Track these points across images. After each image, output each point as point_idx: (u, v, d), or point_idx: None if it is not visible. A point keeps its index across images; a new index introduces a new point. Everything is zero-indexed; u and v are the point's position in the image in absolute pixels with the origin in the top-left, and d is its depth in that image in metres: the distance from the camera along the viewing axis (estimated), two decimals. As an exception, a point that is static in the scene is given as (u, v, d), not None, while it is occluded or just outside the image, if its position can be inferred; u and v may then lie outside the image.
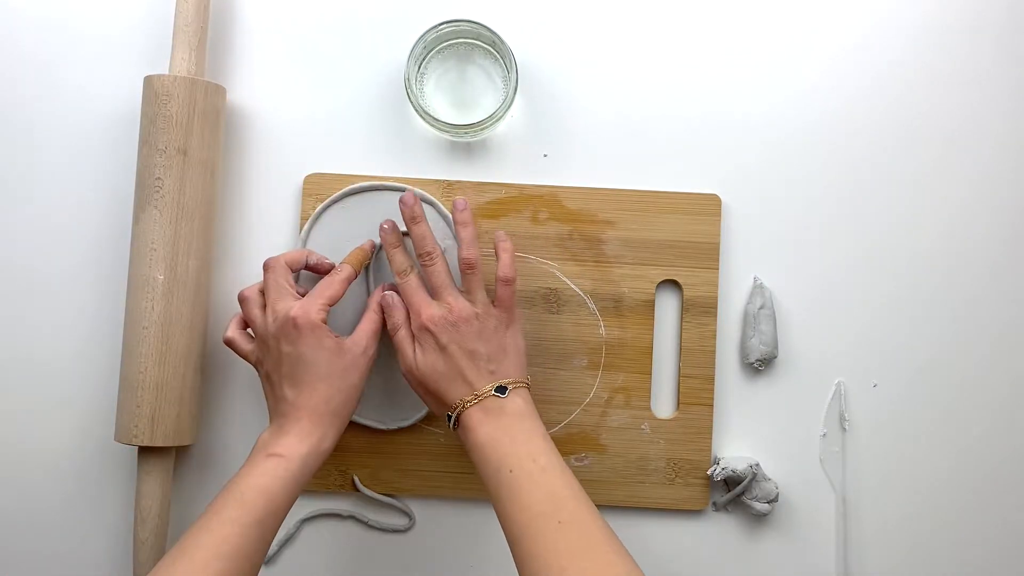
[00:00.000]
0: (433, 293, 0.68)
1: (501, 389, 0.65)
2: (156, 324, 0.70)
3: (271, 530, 0.63)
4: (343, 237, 0.75)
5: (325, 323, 0.67)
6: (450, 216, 0.74)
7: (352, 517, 0.76)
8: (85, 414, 0.76)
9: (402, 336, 0.68)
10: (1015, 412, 0.76)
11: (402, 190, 0.75)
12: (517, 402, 0.65)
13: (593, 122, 0.77)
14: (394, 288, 0.70)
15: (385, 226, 0.70)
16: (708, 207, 0.76)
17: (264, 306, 0.69)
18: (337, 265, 0.71)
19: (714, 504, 0.76)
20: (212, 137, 0.73)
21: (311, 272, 0.72)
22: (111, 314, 0.75)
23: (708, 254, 0.75)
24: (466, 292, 0.68)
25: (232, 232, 0.77)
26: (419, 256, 0.69)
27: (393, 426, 0.74)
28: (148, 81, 0.72)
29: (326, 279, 0.69)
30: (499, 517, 0.62)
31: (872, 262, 0.76)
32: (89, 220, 0.77)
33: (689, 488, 0.75)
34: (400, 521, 0.76)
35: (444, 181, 0.76)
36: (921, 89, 0.77)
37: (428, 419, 0.75)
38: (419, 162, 0.77)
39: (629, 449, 0.75)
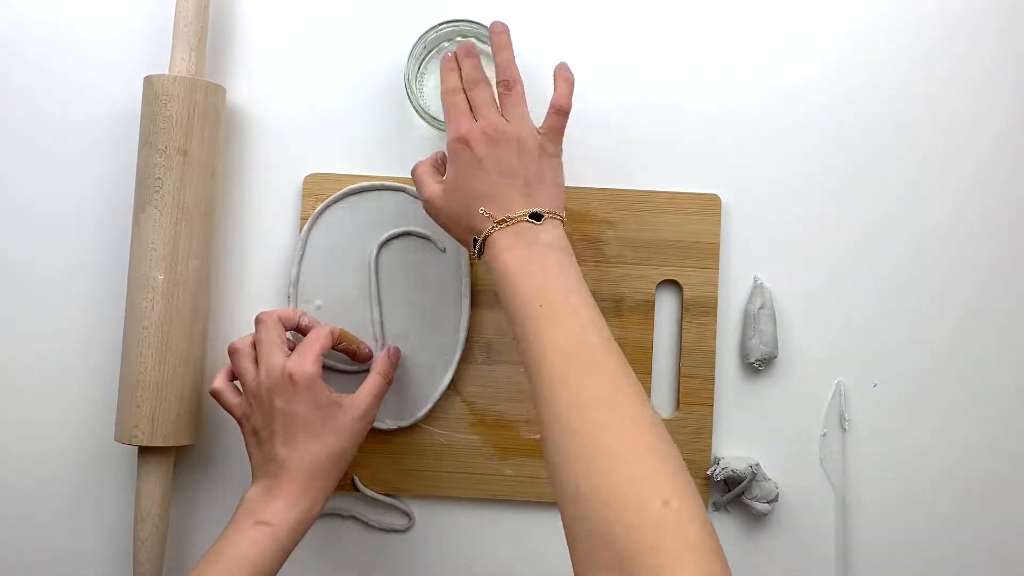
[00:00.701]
0: (475, 111, 0.65)
1: (536, 216, 0.61)
2: (156, 324, 0.70)
3: None
4: (343, 237, 0.75)
5: (320, 375, 0.65)
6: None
7: (352, 517, 0.76)
8: (85, 414, 0.76)
9: (423, 168, 0.66)
10: (1015, 412, 0.76)
11: (402, 190, 0.75)
12: (552, 232, 0.61)
13: (593, 122, 0.77)
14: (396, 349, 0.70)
15: (449, 54, 0.67)
16: (708, 207, 0.76)
17: (256, 360, 0.66)
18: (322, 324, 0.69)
19: (714, 504, 0.76)
20: (212, 137, 0.73)
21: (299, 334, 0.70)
22: (111, 314, 0.75)
23: (708, 254, 0.75)
24: (508, 115, 0.64)
25: (232, 232, 0.77)
26: (499, 83, 0.65)
27: (393, 426, 0.74)
28: (148, 81, 0.72)
29: (314, 331, 0.67)
30: (521, 353, 0.57)
31: (872, 262, 0.76)
32: (89, 220, 0.77)
33: (689, 488, 0.75)
34: (400, 521, 0.76)
35: (444, 181, 0.76)
36: (921, 89, 0.77)
37: (428, 419, 0.75)
38: (419, 162, 0.77)
39: (629, 449, 0.75)
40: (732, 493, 0.74)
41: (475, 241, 0.62)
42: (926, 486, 0.76)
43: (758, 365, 0.75)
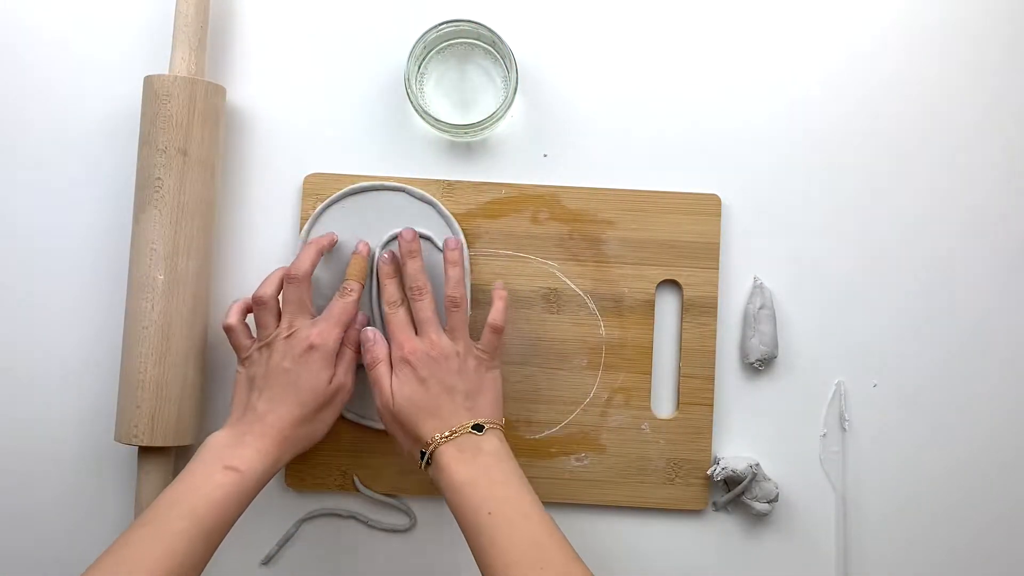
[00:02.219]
0: (418, 328, 0.68)
1: (478, 427, 0.65)
2: (156, 324, 0.70)
3: (217, 543, 0.62)
4: (343, 237, 0.75)
5: (337, 350, 0.67)
6: (451, 216, 0.74)
7: (352, 517, 0.76)
8: (85, 414, 0.76)
9: (381, 371, 0.68)
10: (1015, 412, 0.76)
11: (402, 190, 0.75)
12: (494, 442, 0.65)
13: (593, 122, 0.77)
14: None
15: (385, 256, 0.71)
16: (708, 207, 0.76)
17: (279, 314, 0.68)
18: (343, 283, 0.70)
19: (714, 504, 0.76)
20: (212, 137, 0.73)
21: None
22: (111, 314, 0.75)
23: (708, 254, 0.75)
24: (450, 330, 0.68)
25: (232, 232, 0.77)
26: (409, 290, 0.69)
27: (393, 426, 0.75)
28: (148, 81, 0.72)
29: (340, 303, 0.69)
30: (477, 560, 0.61)
31: (872, 262, 0.76)
32: (89, 220, 0.77)
33: (689, 488, 0.75)
34: (400, 521, 0.76)
35: (444, 181, 0.76)
36: (920, 89, 0.77)
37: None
38: (419, 162, 0.77)
39: (629, 449, 0.75)
40: (732, 493, 0.74)
41: (422, 453, 0.65)
42: (926, 486, 0.76)
43: (758, 365, 0.75)
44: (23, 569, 0.76)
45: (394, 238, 0.74)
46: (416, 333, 0.68)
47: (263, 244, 0.77)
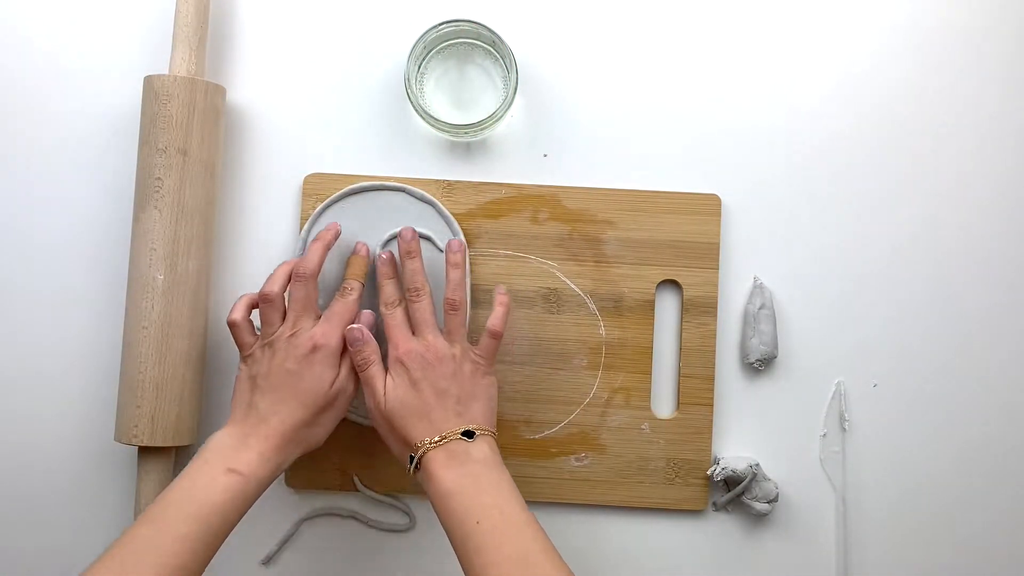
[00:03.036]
0: (415, 329, 0.68)
1: (468, 433, 0.64)
2: (156, 324, 0.70)
3: (219, 545, 0.62)
4: (343, 237, 0.75)
5: (342, 351, 0.67)
6: (451, 216, 0.74)
7: (352, 517, 0.76)
8: (85, 414, 0.76)
9: (373, 372, 0.67)
10: (1015, 412, 0.76)
11: (402, 190, 0.75)
12: (483, 449, 0.64)
13: (593, 122, 0.77)
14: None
15: (384, 256, 0.71)
16: (708, 207, 0.76)
17: (283, 312, 0.68)
18: (343, 283, 0.70)
19: (714, 504, 0.76)
20: (212, 137, 0.73)
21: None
22: (111, 314, 0.75)
23: (708, 254, 0.75)
24: (447, 333, 0.68)
25: (232, 232, 0.77)
26: (407, 291, 0.69)
27: (393, 426, 0.74)
28: (148, 81, 0.72)
29: (342, 302, 0.68)
30: (464, 569, 0.60)
31: (872, 262, 0.76)
32: (89, 220, 0.77)
33: (689, 488, 0.75)
34: (400, 521, 0.76)
35: (444, 181, 0.76)
36: (921, 90, 0.77)
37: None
38: (419, 162, 0.77)
39: (629, 449, 0.75)
40: (732, 493, 0.74)
41: (411, 458, 0.64)
42: (926, 486, 0.76)
43: (758, 365, 0.75)
44: (23, 569, 0.76)
45: (394, 238, 0.74)
46: (413, 334, 0.68)
47: (263, 244, 0.77)
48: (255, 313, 0.70)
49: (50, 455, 0.76)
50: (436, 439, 0.63)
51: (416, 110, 0.73)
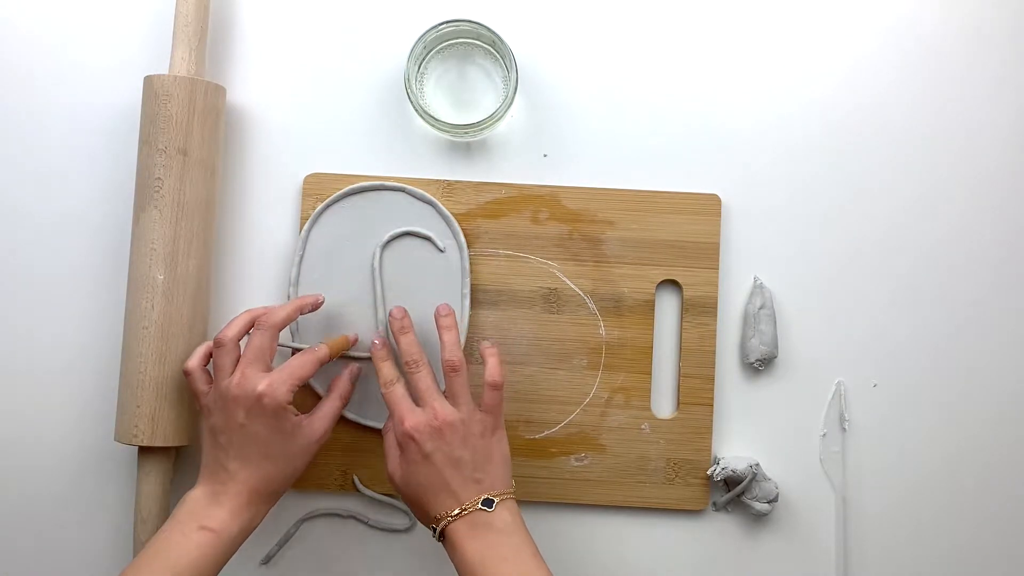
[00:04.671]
0: (418, 399, 0.67)
1: (488, 502, 0.64)
2: (156, 324, 0.70)
3: None
4: (343, 237, 0.75)
5: (291, 404, 0.66)
6: (451, 216, 0.74)
7: (352, 517, 0.76)
8: (85, 414, 0.76)
9: (390, 441, 0.67)
10: (1015, 412, 0.76)
11: (402, 190, 0.75)
12: (504, 516, 0.64)
13: (593, 122, 0.77)
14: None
15: (376, 341, 0.70)
16: (708, 207, 0.76)
17: (236, 360, 0.67)
18: (315, 345, 0.69)
19: (714, 504, 0.76)
20: (212, 137, 0.73)
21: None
22: (111, 314, 0.75)
23: (708, 254, 0.75)
24: (450, 396, 0.67)
25: (232, 232, 0.77)
26: (405, 364, 0.68)
27: (393, 426, 0.74)
28: (148, 81, 0.72)
29: (300, 357, 0.67)
30: None
31: (872, 262, 0.77)
32: (89, 220, 0.77)
33: (689, 488, 0.75)
34: (400, 521, 0.76)
35: (444, 181, 0.76)
36: (922, 90, 0.77)
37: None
38: (419, 162, 0.77)
39: (629, 449, 0.75)
40: (732, 493, 0.74)
41: (433, 529, 0.65)
42: (926, 486, 0.76)
43: (758, 365, 0.75)
44: (23, 569, 0.76)
45: (394, 239, 0.74)
46: (417, 405, 0.67)
47: (263, 244, 0.77)
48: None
49: (50, 455, 0.76)
50: (456, 512, 0.63)
51: (416, 110, 0.73)
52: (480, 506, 0.63)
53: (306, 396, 0.75)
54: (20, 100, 0.78)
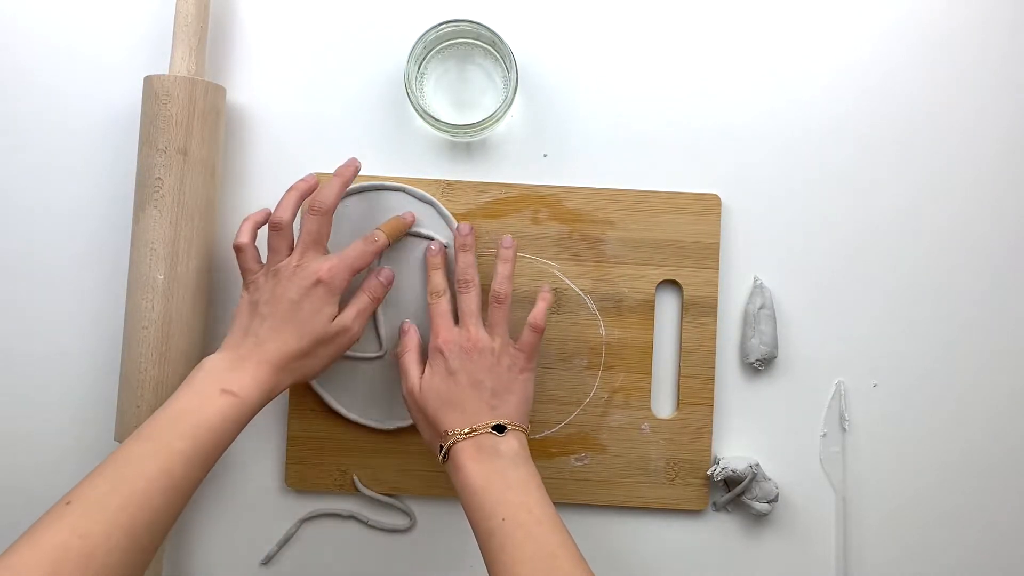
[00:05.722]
0: (460, 319, 0.68)
1: (499, 428, 0.64)
2: (156, 324, 0.70)
3: (211, 465, 0.61)
4: (343, 237, 0.75)
5: (343, 291, 0.67)
6: (451, 216, 0.74)
7: (352, 517, 0.76)
8: (85, 413, 0.76)
9: (410, 358, 0.69)
10: (1015, 412, 0.76)
11: (402, 190, 0.75)
12: (513, 445, 0.64)
13: (593, 122, 0.77)
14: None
15: (433, 247, 0.71)
16: (708, 207, 0.76)
17: (291, 244, 0.68)
18: (371, 232, 0.70)
19: (714, 504, 0.76)
20: (212, 137, 0.73)
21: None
22: (111, 314, 0.75)
23: (708, 254, 0.75)
24: (489, 326, 0.68)
25: (232, 232, 0.77)
26: (458, 282, 0.69)
27: (393, 426, 0.74)
28: (148, 81, 0.72)
29: (358, 246, 0.69)
30: (487, 564, 0.60)
31: (872, 262, 0.77)
32: (89, 220, 0.77)
33: (689, 488, 0.75)
34: (400, 521, 0.76)
35: (444, 181, 0.76)
36: (921, 90, 0.77)
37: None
38: (419, 162, 0.77)
39: (629, 449, 0.75)
40: (732, 493, 0.74)
41: (440, 447, 0.65)
42: (926, 486, 0.76)
43: (758, 365, 0.75)
44: (23, 569, 0.76)
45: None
46: (456, 324, 0.68)
47: (263, 244, 0.77)
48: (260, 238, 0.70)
49: (50, 455, 0.76)
50: (466, 430, 0.64)
51: (416, 110, 0.73)
52: (491, 430, 0.64)
53: (307, 396, 0.75)
54: (20, 100, 0.78)
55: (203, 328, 0.73)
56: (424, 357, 0.69)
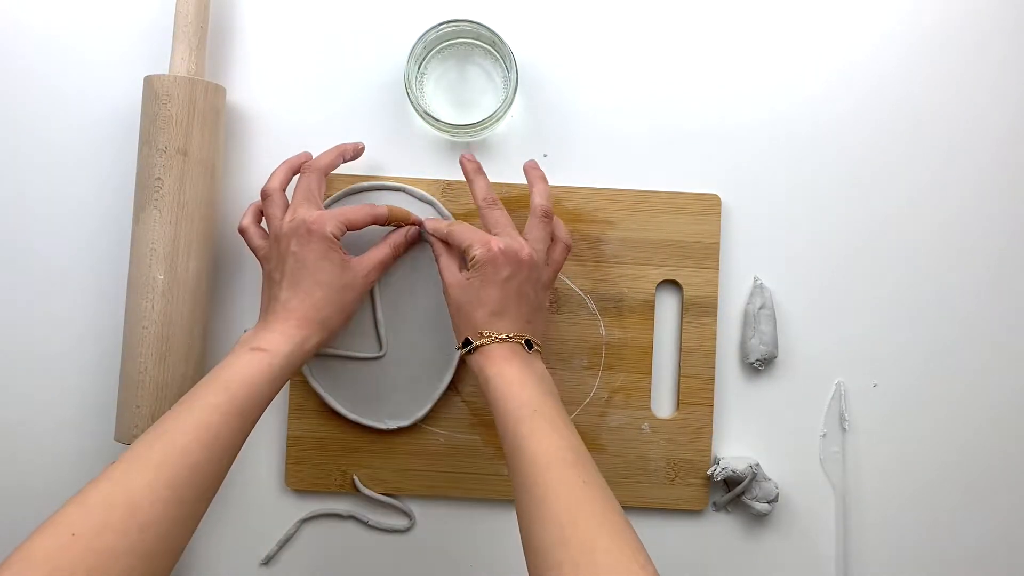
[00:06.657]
0: (500, 234, 0.68)
1: (529, 344, 0.66)
2: (156, 324, 0.70)
3: (251, 422, 0.62)
4: (343, 238, 0.74)
5: (337, 240, 0.67)
6: (451, 217, 0.75)
7: (352, 517, 0.76)
8: (85, 414, 0.76)
9: (445, 261, 0.69)
10: (1014, 412, 0.76)
11: (402, 190, 0.75)
12: (541, 366, 0.66)
13: (593, 122, 0.77)
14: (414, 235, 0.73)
15: (467, 153, 0.72)
16: (708, 207, 0.76)
17: (286, 207, 0.69)
18: (378, 205, 0.71)
19: (714, 504, 0.76)
20: (212, 137, 0.73)
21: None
22: (111, 314, 0.75)
23: (708, 254, 0.75)
24: (532, 240, 0.68)
25: (232, 232, 0.77)
26: (483, 200, 0.69)
27: (393, 426, 0.75)
28: (148, 81, 0.72)
29: (357, 207, 0.70)
30: (512, 455, 0.60)
31: (872, 262, 0.77)
32: (89, 220, 0.77)
33: (689, 488, 0.75)
34: (400, 521, 0.76)
35: (444, 181, 0.76)
36: (921, 90, 0.77)
37: (428, 419, 0.75)
38: (419, 162, 0.77)
39: (629, 449, 0.75)
40: (732, 493, 0.74)
41: (468, 341, 0.66)
42: (926, 486, 0.76)
43: (758, 365, 0.75)
44: (23, 569, 0.76)
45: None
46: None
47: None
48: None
49: (50, 455, 0.76)
50: (504, 336, 0.65)
51: (416, 110, 0.73)
52: (523, 343, 0.65)
53: (307, 396, 0.75)
54: (20, 100, 0.78)
55: (203, 328, 0.73)
56: (458, 256, 0.69)
